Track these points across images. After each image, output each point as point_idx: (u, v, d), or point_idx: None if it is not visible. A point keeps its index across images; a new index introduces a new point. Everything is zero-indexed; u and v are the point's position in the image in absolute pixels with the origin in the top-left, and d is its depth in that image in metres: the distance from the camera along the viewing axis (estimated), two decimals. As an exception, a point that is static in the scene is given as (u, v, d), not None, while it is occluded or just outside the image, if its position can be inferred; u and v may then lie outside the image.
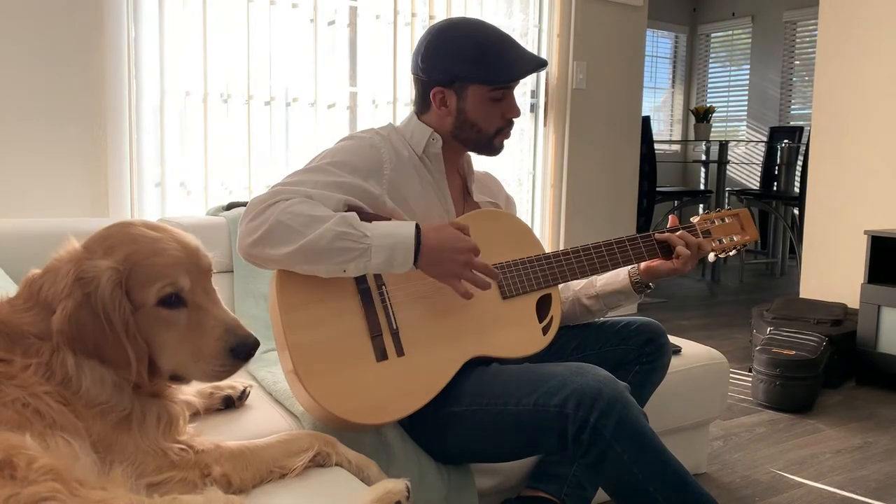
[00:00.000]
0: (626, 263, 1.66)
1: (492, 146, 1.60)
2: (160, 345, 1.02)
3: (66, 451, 0.84)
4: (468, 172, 1.70)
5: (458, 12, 3.46)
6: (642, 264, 1.70)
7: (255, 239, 1.34)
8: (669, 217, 1.76)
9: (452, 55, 1.52)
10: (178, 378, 1.08)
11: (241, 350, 1.04)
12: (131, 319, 0.99)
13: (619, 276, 1.72)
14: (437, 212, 1.59)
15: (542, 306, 1.60)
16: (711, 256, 1.75)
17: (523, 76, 1.55)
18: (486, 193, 1.75)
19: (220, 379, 1.05)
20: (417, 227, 1.38)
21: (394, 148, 1.55)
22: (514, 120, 1.60)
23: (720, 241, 1.75)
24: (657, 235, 1.68)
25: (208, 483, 1.03)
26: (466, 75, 1.52)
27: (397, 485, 1.10)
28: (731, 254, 1.78)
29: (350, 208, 1.44)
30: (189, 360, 1.03)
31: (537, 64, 1.54)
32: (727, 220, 1.78)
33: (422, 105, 1.60)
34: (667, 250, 1.67)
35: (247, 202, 2.25)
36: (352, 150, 1.50)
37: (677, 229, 1.70)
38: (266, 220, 1.34)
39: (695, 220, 1.77)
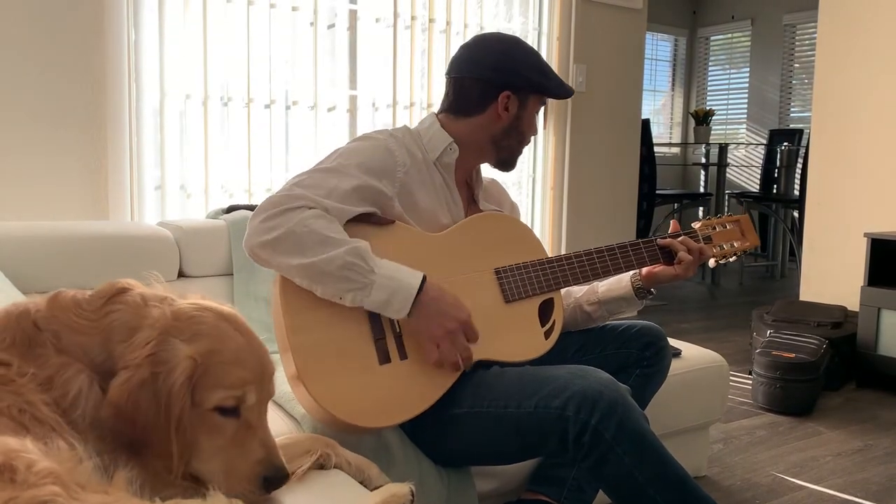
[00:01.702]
0: (628, 268, 1.67)
1: (514, 160, 1.67)
2: (198, 448, 0.97)
3: (69, 455, 0.83)
4: (476, 182, 1.70)
5: (457, 16, 3.46)
6: (644, 270, 1.70)
7: (265, 241, 1.34)
8: (671, 222, 1.77)
9: (526, 64, 1.59)
10: (195, 479, 1.02)
11: (273, 482, 1.01)
12: (187, 416, 0.94)
13: (621, 283, 1.73)
14: (444, 217, 1.59)
15: (544, 311, 1.60)
16: (712, 262, 1.77)
17: (570, 95, 1.65)
18: (491, 202, 1.75)
19: (241, 499, 0.96)
20: (424, 278, 1.38)
21: (408, 151, 1.55)
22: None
23: (721, 246, 1.76)
24: (659, 241, 1.68)
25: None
26: (537, 84, 1.59)
27: (402, 488, 1.10)
28: (731, 260, 1.79)
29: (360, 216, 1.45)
30: (219, 472, 0.98)
31: (573, 90, 1.67)
32: (728, 227, 1.79)
33: (473, 106, 1.58)
34: (668, 256, 1.68)
35: (247, 205, 2.26)
36: (367, 150, 1.50)
37: (679, 235, 1.70)
38: (280, 225, 1.34)
39: (696, 225, 1.77)
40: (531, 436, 1.38)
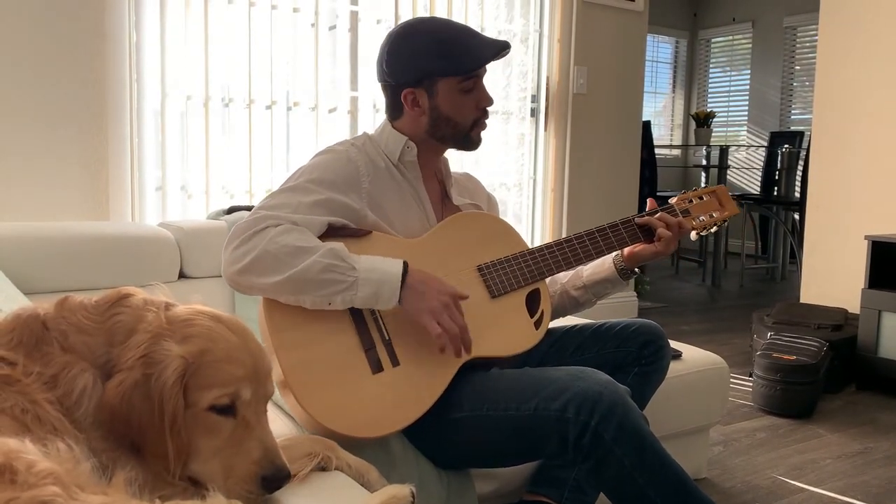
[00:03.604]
0: (609, 251, 1.67)
1: (469, 140, 1.60)
2: (195, 450, 0.98)
3: (67, 456, 0.84)
4: (446, 176, 1.70)
5: (458, 18, 3.46)
6: (625, 250, 1.70)
7: (240, 267, 1.34)
8: (648, 200, 1.76)
9: (416, 54, 1.53)
10: (195, 482, 1.02)
11: (273, 482, 1.01)
12: (181, 416, 0.95)
13: (604, 265, 1.73)
14: (416, 219, 1.58)
15: (532, 301, 1.60)
16: (693, 235, 1.75)
17: (487, 62, 1.55)
18: (466, 195, 1.74)
19: (241, 500, 0.98)
20: (405, 263, 1.38)
21: (370, 159, 1.55)
22: (489, 110, 1.60)
23: (700, 218, 1.75)
24: (637, 220, 1.68)
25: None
26: (433, 71, 1.52)
27: (402, 490, 1.10)
28: (712, 230, 1.78)
29: (333, 227, 1.44)
30: (218, 473, 0.99)
31: (500, 48, 1.55)
32: (705, 198, 1.78)
33: (394, 111, 1.61)
34: (648, 233, 1.67)
35: (248, 206, 2.26)
36: (329, 165, 1.49)
37: (656, 211, 1.70)
38: (252, 248, 1.34)
39: (673, 200, 1.76)
40: (531, 438, 1.38)
